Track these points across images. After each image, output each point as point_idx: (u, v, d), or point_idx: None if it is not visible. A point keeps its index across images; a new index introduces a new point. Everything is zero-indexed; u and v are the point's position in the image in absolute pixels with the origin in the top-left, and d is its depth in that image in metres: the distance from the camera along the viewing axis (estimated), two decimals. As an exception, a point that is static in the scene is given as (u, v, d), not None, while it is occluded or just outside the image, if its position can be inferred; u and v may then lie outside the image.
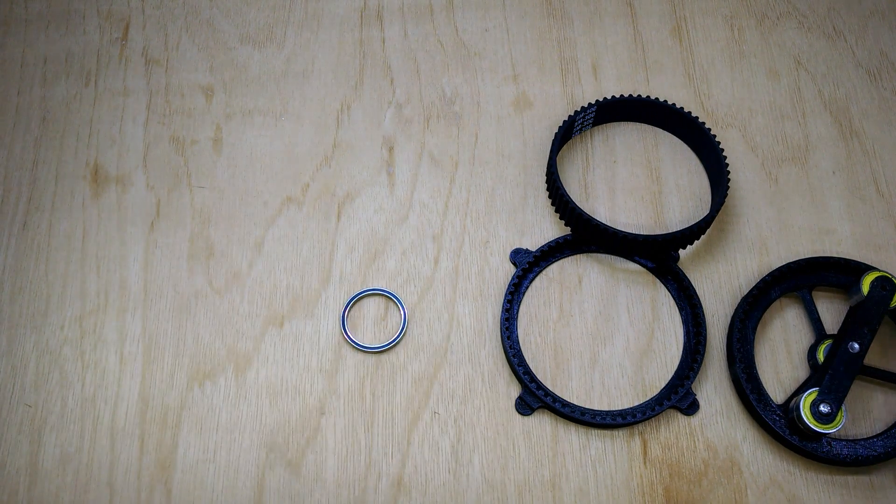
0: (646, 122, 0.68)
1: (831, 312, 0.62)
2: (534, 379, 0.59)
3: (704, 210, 0.65)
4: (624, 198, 0.66)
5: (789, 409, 0.57)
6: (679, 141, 0.68)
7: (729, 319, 0.62)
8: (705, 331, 0.60)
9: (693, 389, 0.59)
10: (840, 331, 0.59)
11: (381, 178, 0.66)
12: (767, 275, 0.61)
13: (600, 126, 0.69)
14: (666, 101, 0.66)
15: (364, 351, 0.60)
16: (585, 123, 0.67)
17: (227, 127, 0.68)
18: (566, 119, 0.65)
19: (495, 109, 0.69)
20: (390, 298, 0.62)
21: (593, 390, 0.60)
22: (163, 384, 0.59)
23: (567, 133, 0.66)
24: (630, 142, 0.68)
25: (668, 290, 0.63)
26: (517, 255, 0.63)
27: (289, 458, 0.58)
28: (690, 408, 0.59)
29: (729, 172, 0.63)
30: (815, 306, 0.61)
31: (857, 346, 0.57)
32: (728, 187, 0.62)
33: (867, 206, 0.66)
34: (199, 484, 0.57)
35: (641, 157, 0.67)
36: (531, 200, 0.66)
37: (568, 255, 0.64)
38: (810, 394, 0.56)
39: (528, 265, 0.62)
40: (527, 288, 0.62)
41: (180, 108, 0.69)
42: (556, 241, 0.63)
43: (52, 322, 0.61)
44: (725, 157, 0.64)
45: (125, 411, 0.59)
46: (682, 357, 0.61)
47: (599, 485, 0.57)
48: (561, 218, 0.64)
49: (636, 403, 0.59)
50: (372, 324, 0.61)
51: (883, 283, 0.58)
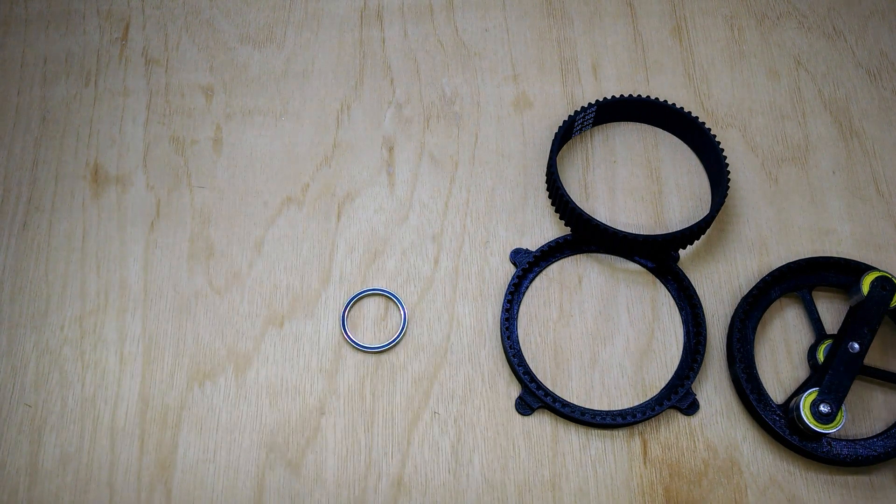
0: (646, 122, 0.68)
1: (831, 312, 0.62)
2: (534, 379, 0.59)
3: (704, 210, 0.65)
4: (624, 198, 0.66)
5: (789, 409, 0.57)
6: (679, 141, 0.68)
7: (729, 319, 0.62)
8: (705, 331, 0.60)
9: (693, 389, 0.59)
10: (840, 331, 0.59)
11: (381, 178, 0.66)
12: (767, 275, 0.61)
13: (600, 126, 0.69)
14: (666, 101, 0.66)
15: (364, 351, 0.60)
16: (585, 123, 0.67)
17: (227, 127, 0.68)
18: (566, 119, 0.65)
19: (495, 109, 0.69)
20: (390, 298, 0.62)
21: (593, 390, 0.60)
22: (163, 384, 0.59)
23: (567, 133, 0.66)
24: (630, 142, 0.68)
25: (668, 290, 0.63)
26: (517, 255, 0.63)
27: (289, 458, 0.58)
28: (690, 408, 0.59)
29: (729, 172, 0.63)
30: (815, 306, 0.61)
31: (857, 346, 0.57)
32: (728, 187, 0.62)
33: (867, 206, 0.66)
34: (199, 484, 0.57)
35: (641, 157, 0.67)
36: (531, 200, 0.66)
37: (568, 255, 0.64)
38: (810, 394, 0.56)
39: (528, 265, 0.62)
40: (527, 288, 0.62)
41: (180, 108, 0.69)
42: (556, 241, 0.63)
43: (52, 322, 0.61)
44: (725, 157, 0.64)
45: (125, 411, 0.59)
46: (682, 357, 0.61)
47: (599, 485, 0.57)
48: (561, 218, 0.64)
49: (636, 403, 0.59)
50: (372, 324, 0.61)
51: (883, 283, 0.58)
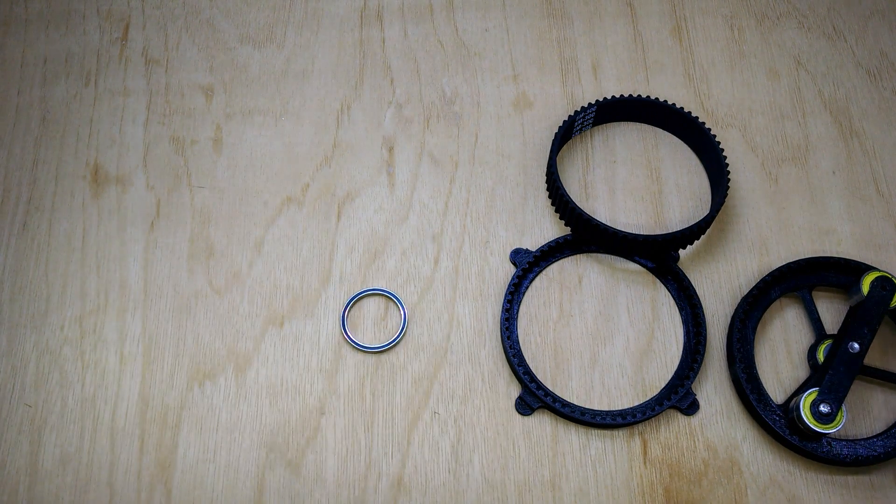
0: (646, 122, 0.68)
1: (831, 312, 0.62)
2: (534, 379, 0.59)
3: (704, 210, 0.65)
4: (624, 198, 0.66)
5: (789, 409, 0.57)
6: (679, 141, 0.68)
7: (729, 319, 0.62)
8: (705, 331, 0.60)
9: (693, 389, 0.59)
10: (840, 331, 0.59)
11: (381, 178, 0.66)
12: (767, 275, 0.61)
13: (600, 126, 0.69)
14: (666, 101, 0.66)
15: (364, 351, 0.60)
16: (585, 123, 0.67)
17: (227, 127, 0.68)
18: (566, 119, 0.65)
19: (495, 109, 0.69)
20: (390, 298, 0.62)
21: (593, 390, 0.60)
22: (163, 384, 0.59)
23: (567, 133, 0.66)
24: (630, 142, 0.68)
25: (668, 290, 0.63)
26: (517, 255, 0.63)
27: (289, 458, 0.58)
28: (690, 408, 0.59)
29: (729, 172, 0.63)
30: (815, 306, 0.61)
31: (857, 346, 0.57)
32: (728, 187, 0.62)
33: (867, 206, 0.66)
34: (199, 484, 0.57)
35: (641, 157, 0.67)
36: (531, 200, 0.66)
37: (568, 255, 0.64)
38: (810, 394, 0.56)
39: (528, 265, 0.62)
40: (527, 288, 0.62)
41: (180, 108, 0.69)
42: (556, 241, 0.63)
43: (52, 322, 0.61)
44: (725, 157, 0.64)
45: (125, 411, 0.59)
46: (682, 357, 0.61)
47: (599, 485, 0.57)
48: (561, 218, 0.64)
49: (636, 403, 0.59)
50: (372, 324, 0.61)
51: (883, 283, 0.58)
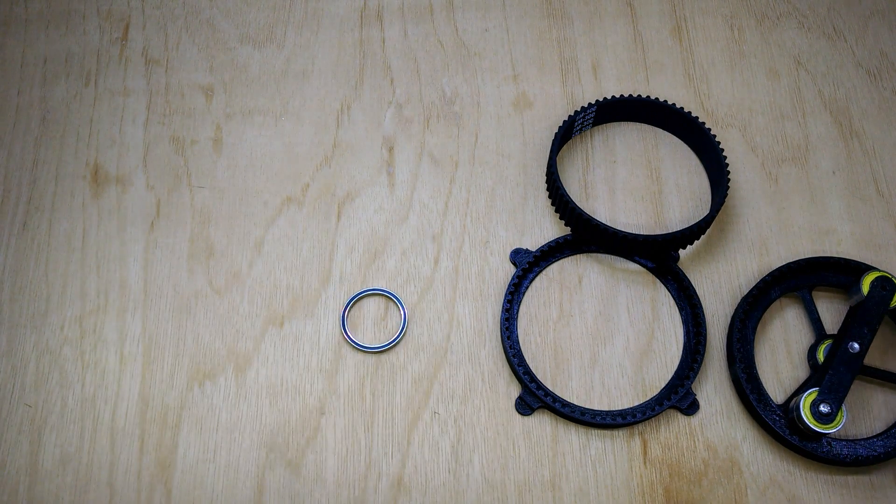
0: (646, 122, 0.68)
1: (831, 312, 0.62)
2: (534, 379, 0.59)
3: (704, 210, 0.65)
4: (624, 198, 0.66)
5: (789, 409, 0.57)
6: (679, 141, 0.68)
7: (729, 319, 0.62)
8: (705, 331, 0.60)
9: (693, 389, 0.59)
10: (840, 331, 0.59)
11: (381, 178, 0.66)
12: (767, 275, 0.61)
13: (600, 126, 0.69)
14: (666, 101, 0.66)
15: (364, 351, 0.60)
16: (585, 123, 0.67)
17: (227, 127, 0.68)
18: (566, 119, 0.65)
19: (495, 109, 0.69)
20: (390, 298, 0.62)
21: (593, 390, 0.60)
22: (163, 384, 0.59)
23: (567, 133, 0.66)
24: (630, 142, 0.68)
25: (668, 290, 0.62)
26: (517, 255, 0.63)
27: (289, 458, 0.58)
28: (690, 408, 0.58)
29: (729, 172, 0.63)
30: (815, 306, 0.61)
31: (857, 346, 0.57)
32: (728, 187, 0.62)
33: (867, 206, 0.66)
34: (199, 484, 0.57)
35: (641, 157, 0.67)
36: (531, 200, 0.66)
37: (568, 255, 0.64)
38: (810, 394, 0.56)
39: (528, 265, 0.62)
40: (527, 288, 0.62)
41: (180, 108, 0.69)
42: (556, 241, 0.63)
43: (52, 322, 0.61)
44: (725, 157, 0.64)
45: (125, 411, 0.59)
46: (682, 357, 0.61)
47: (599, 485, 0.57)
48: (561, 218, 0.64)
49: (636, 403, 0.59)
50: (372, 324, 0.61)
51: (883, 283, 0.58)
